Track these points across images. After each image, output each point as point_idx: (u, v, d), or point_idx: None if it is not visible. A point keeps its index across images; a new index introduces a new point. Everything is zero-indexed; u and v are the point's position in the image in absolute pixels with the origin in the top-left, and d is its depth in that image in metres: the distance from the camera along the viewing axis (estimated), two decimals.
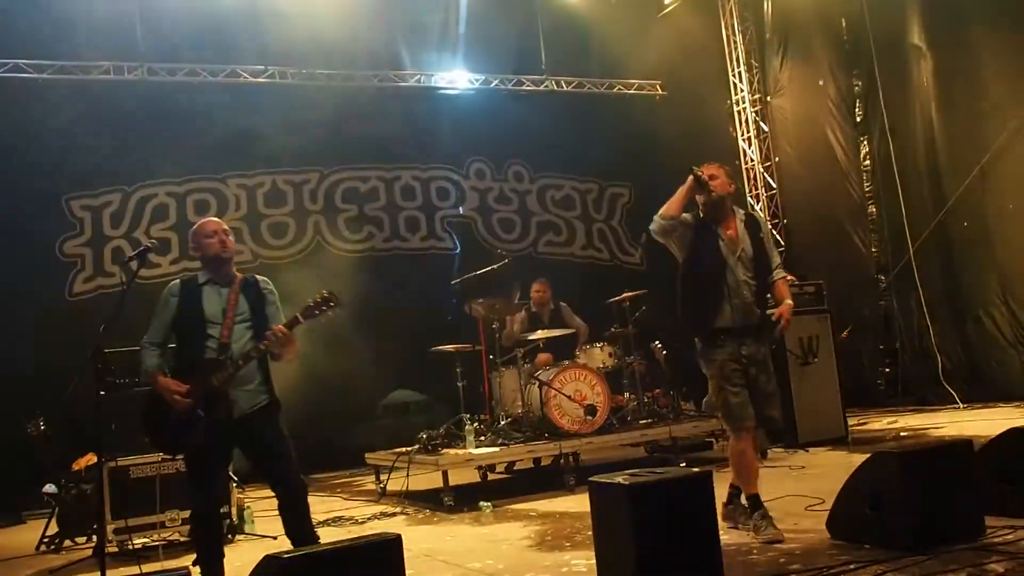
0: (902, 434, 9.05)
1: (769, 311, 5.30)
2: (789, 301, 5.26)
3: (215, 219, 5.12)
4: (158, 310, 4.88)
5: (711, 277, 5.21)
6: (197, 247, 4.96)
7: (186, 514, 6.46)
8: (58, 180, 10.39)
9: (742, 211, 5.47)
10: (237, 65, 11.23)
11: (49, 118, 10.22)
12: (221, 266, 4.91)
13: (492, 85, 12.64)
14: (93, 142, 10.36)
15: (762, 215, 5.40)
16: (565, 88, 13.08)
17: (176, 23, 10.88)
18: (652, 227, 5.31)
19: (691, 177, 5.26)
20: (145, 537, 6.76)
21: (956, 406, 10.33)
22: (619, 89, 13.41)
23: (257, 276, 5.09)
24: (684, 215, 5.29)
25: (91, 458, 7.09)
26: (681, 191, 5.27)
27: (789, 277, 5.59)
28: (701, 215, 5.32)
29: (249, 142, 11.11)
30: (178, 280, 5.03)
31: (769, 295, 5.39)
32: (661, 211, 5.28)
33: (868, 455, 4.73)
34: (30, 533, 7.39)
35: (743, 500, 5.27)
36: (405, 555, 3.63)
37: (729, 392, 5.15)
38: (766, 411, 5.24)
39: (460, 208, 10.99)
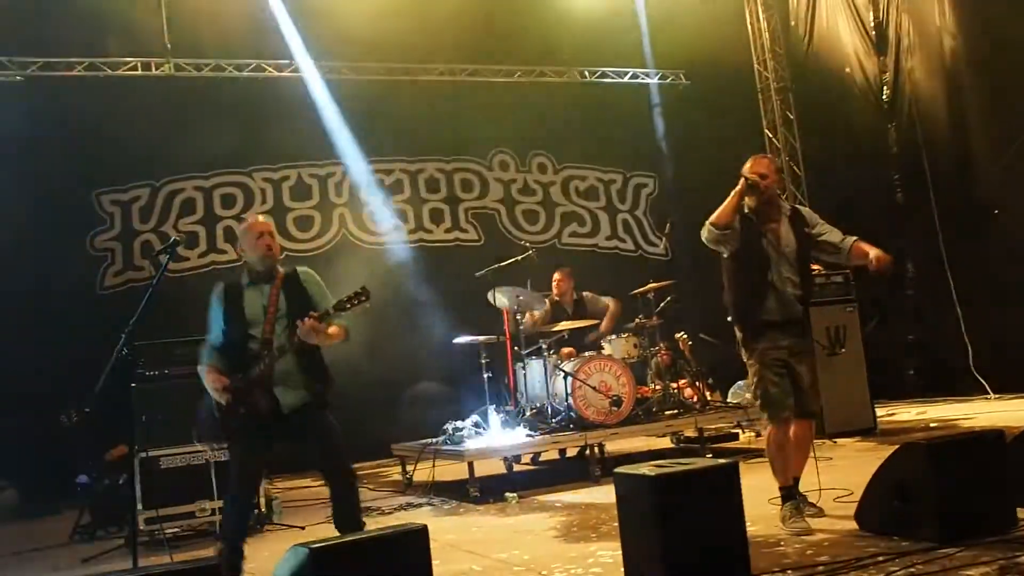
0: (931, 425, 8.98)
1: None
2: (877, 251, 5.26)
3: (262, 218, 5.05)
4: (209, 313, 4.98)
5: (757, 273, 5.26)
6: (245, 246, 4.97)
7: (216, 504, 6.61)
8: (88, 175, 10.51)
9: (788, 205, 5.51)
10: (262, 60, 11.27)
11: (78, 114, 10.33)
12: (266, 263, 4.90)
13: (515, 76, 12.60)
14: (121, 137, 10.46)
15: (808, 209, 5.52)
16: (588, 78, 13.03)
17: (201, 18, 10.95)
18: (704, 235, 5.29)
19: (743, 182, 5.22)
20: (176, 527, 6.86)
21: (987, 396, 10.23)
22: (642, 79, 13.35)
23: (299, 268, 5.04)
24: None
25: (123, 449, 7.17)
26: (733, 198, 5.21)
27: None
28: (747, 211, 5.33)
29: (274, 136, 11.19)
30: (222, 284, 5.04)
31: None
32: (714, 220, 5.23)
33: (897, 446, 4.71)
34: (65, 523, 7.50)
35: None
36: (431, 545, 3.66)
37: (769, 381, 5.20)
38: (807, 406, 5.32)
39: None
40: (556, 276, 9.29)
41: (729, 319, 5.50)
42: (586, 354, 8.33)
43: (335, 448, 4.84)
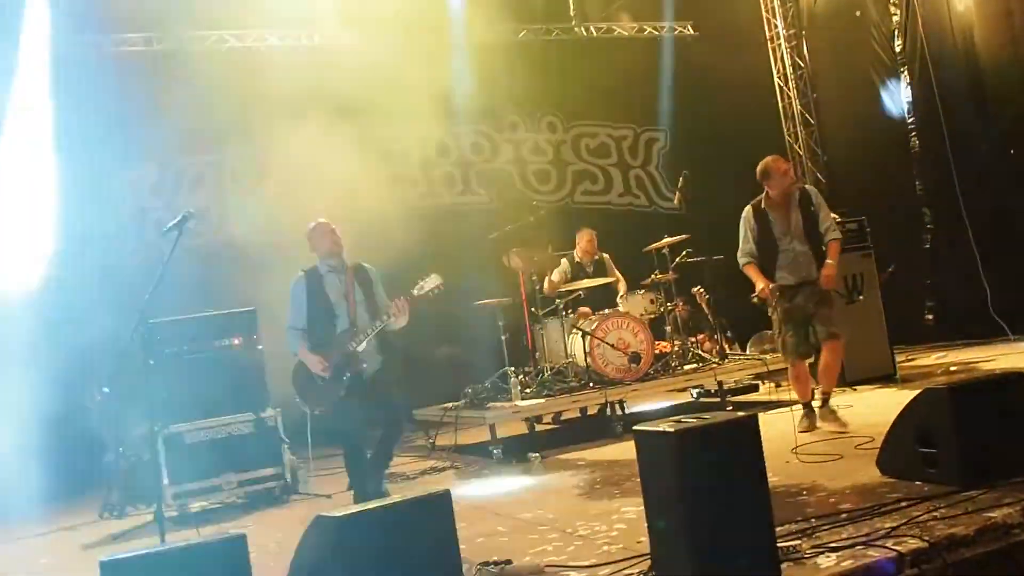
0: (952, 369, 8.94)
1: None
2: (830, 261, 6.53)
3: (324, 220, 6.13)
4: (291, 299, 6.04)
5: (769, 250, 6.63)
6: (314, 245, 6.06)
7: (242, 476, 6.89)
8: (97, 155, 10.47)
9: (799, 189, 6.76)
10: (265, 29, 11.18)
11: (86, 93, 10.28)
12: (335, 258, 6.04)
13: (520, 35, 12.48)
14: (128, 115, 10.40)
15: (814, 190, 6.88)
16: (595, 34, 12.90)
17: None
18: (740, 256, 6.81)
19: (767, 295, 6.60)
20: (204, 500, 6.94)
21: (1007, 338, 10.15)
22: (650, 32, 13.20)
23: (364, 264, 6.17)
24: (747, 210, 6.80)
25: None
26: (756, 282, 6.66)
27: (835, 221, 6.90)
28: (763, 203, 6.69)
29: (283, 106, 11.09)
30: (301, 272, 6.09)
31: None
32: (744, 269, 6.78)
33: (917, 391, 4.68)
34: (93, 501, 7.58)
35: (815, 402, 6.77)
36: (456, 508, 3.68)
37: (785, 333, 6.67)
38: (829, 330, 6.56)
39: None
40: (584, 237, 9.20)
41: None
42: (603, 312, 8.31)
43: (393, 403, 6.15)
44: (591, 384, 7.95)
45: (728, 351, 9.15)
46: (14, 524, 7.28)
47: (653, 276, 8.94)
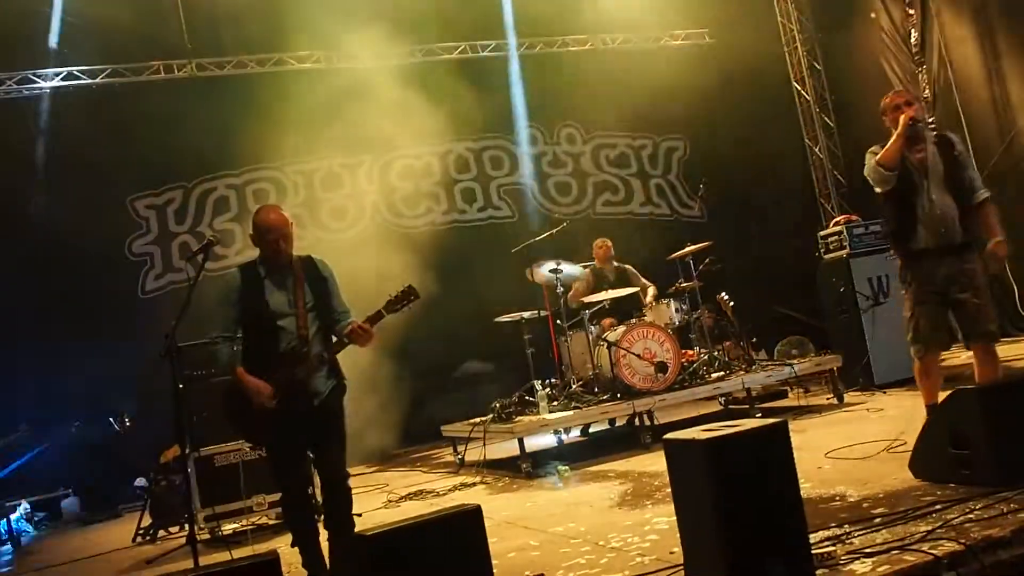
0: None
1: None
2: (999, 237, 5.22)
3: (276, 212, 4.77)
4: (221, 301, 4.75)
5: (904, 202, 5.32)
6: (255, 238, 4.75)
7: (273, 497, 6.68)
8: (121, 181, 10.62)
9: (934, 133, 5.53)
10: (283, 53, 11.30)
11: (105, 122, 10.43)
12: (278, 259, 4.71)
13: (537, 49, 12.53)
14: (150, 142, 10.54)
15: (957, 137, 5.55)
16: (611, 45, 12.92)
17: (218, 17, 10.99)
18: (871, 175, 5.39)
19: (905, 125, 5.24)
20: (234, 522, 6.95)
21: None
22: (666, 41, 13.20)
23: (313, 257, 4.88)
24: (874, 148, 5.40)
25: (177, 450, 7.28)
26: (897, 140, 5.26)
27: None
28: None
29: (303, 128, 11.20)
30: (236, 269, 4.85)
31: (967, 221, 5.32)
32: (883, 160, 5.28)
33: (948, 392, 4.64)
34: (126, 526, 7.63)
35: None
36: (487, 524, 3.67)
37: (921, 316, 5.31)
38: (980, 328, 5.28)
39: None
40: (597, 243, 9.26)
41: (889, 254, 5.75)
42: (629, 322, 8.28)
43: (336, 440, 4.76)
44: (618, 395, 7.93)
45: (755, 358, 9.08)
46: (48, 551, 7.33)
47: (677, 284, 8.91)
